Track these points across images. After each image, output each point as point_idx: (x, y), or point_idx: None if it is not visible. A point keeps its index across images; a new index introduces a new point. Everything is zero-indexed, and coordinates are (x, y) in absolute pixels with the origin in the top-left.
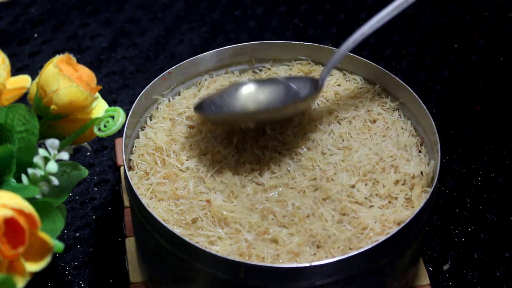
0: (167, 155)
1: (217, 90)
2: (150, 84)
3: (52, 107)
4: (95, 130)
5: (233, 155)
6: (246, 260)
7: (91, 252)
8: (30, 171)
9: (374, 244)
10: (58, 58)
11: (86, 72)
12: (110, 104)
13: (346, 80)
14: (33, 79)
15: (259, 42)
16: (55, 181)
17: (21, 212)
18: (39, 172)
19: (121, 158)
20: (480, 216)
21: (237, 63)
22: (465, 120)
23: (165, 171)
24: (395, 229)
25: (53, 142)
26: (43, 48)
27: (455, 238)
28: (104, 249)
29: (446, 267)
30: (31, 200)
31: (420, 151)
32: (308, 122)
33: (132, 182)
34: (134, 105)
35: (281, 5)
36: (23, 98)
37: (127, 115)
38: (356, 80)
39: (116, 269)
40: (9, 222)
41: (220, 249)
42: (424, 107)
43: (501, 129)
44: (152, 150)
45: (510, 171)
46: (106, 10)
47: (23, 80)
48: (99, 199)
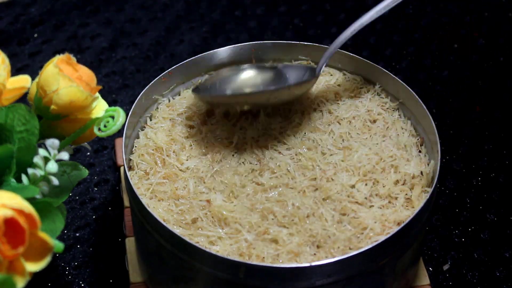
0: (167, 155)
1: (215, 73)
2: (150, 84)
3: (52, 107)
4: (95, 130)
5: (233, 155)
6: (246, 260)
7: (91, 252)
8: (30, 171)
9: (374, 244)
10: (58, 58)
11: (86, 72)
12: (110, 104)
13: (346, 80)
14: (33, 79)
15: (259, 42)
16: (55, 181)
17: (21, 212)
18: (39, 172)
19: (121, 158)
20: (480, 216)
21: (237, 63)
22: (465, 120)
23: (165, 171)
24: (395, 229)
25: (53, 142)
26: (43, 48)
27: (455, 238)
28: (104, 249)
29: (446, 267)
30: (31, 200)
31: (420, 151)
32: (308, 122)
33: (132, 182)
34: (134, 105)
35: (281, 5)
36: (23, 98)
37: (127, 115)
38: (356, 80)
39: (116, 269)
40: (9, 222)
41: (220, 249)
42: (424, 107)
43: (501, 129)
44: (152, 150)
45: (510, 171)
46: (106, 10)
47: (23, 80)
48: (99, 199)
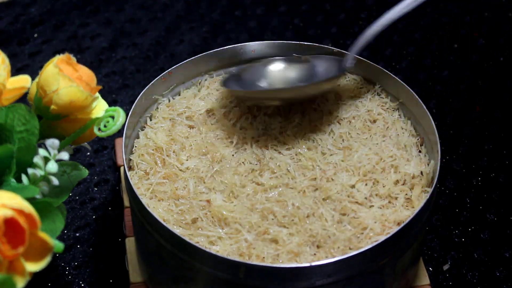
0: (167, 155)
1: (244, 67)
2: (150, 84)
3: (52, 107)
4: (95, 130)
5: (233, 155)
6: (246, 260)
7: (91, 252)
8: (30, 171)
9: (374, 244)
10: (58, 58)
11: (86, 72)
12: (110, 104)
13: (346, 80)
14: (33, 79)
15: (259, 42)
16: (55, 181)
17: (21, 212)
18: (39, 172)
19: (121, 158)
20: (480, 216)
21: (237, 63)
22: (465, 120)
23: (165, 171)
24: (395, 229)
25: (53, 142)
26: (43, 48)
27: (455, 238)
28: (104, 249)
29: (446, 267)
30: (31, 200)
31: (420, 151)
32: (308, 122)
33: (132, 182)
34: (134, 105)
35: (281, 5)
36: (23, 98)
37: (127, 115)
38: (356, 80)
39: (116, 269)
40: (9, 222)
41: (220, 249)
42: (424, 107)
43: (501, 129)
44: (152, 150)
45: (510, 171)
46: (106, 10)
47: (23, 80)
48: (99, 199)
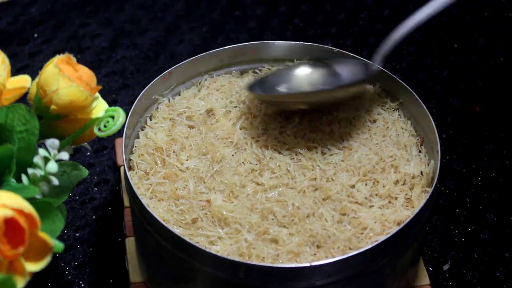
0: (167, 155)
1: (270, 71)
2: (150, 84)
3: (52, 107)
4: (95, 130)
5: (233, 155)
6: (246, 260)
7: (91, 252)
8: (30, 171)
9: (374, 244)
10: (58, 58)
11: (86, 72)
12: (110, 104)
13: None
14: (33, 79)
15: (259, 42)
16: (55, 181)
17: (21, 212)
18: (39, 172)
19: (121, 158)
20: (480, 216)
21: (237, 63)
22: (465, 120)
23: (165, 171)
24: (395, 229)
25: (53, 142)
26: (43, 48)
27: (455, 238)
28: (104, 249)
29: (446, 267)
30: (31, 200)
31: (420, 151)
32: (308, 122)
33: (132, 182)
34: (134, 105)
35: (281, 5)
36: (23, 98)
37: (127, 115)
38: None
39: (116, 269)
40: (9, 222)
41: (220, 249)
42: (424, 107)
43: (501, 129)
44: (152, 150)
45: (510, 171)
46: (106, 10)
47: (23, 80)
48: (99, 199)
